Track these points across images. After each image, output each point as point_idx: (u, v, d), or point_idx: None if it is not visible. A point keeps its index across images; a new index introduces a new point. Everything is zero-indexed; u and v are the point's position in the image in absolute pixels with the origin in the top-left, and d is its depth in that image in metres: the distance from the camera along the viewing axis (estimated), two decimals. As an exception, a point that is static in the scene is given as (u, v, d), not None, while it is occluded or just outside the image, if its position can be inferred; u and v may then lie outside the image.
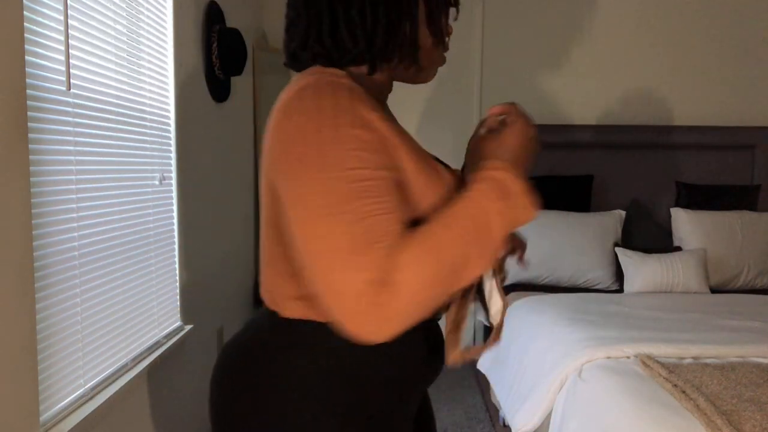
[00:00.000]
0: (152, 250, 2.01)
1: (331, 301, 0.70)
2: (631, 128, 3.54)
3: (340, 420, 0.80)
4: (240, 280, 3.18)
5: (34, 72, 1.33)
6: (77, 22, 1.53)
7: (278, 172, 0.76)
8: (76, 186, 1.52)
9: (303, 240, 0.73)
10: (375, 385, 0.83)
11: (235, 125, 3.06)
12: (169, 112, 2.21)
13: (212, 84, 2.64)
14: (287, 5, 0.87)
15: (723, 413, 1.52)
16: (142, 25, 1.96)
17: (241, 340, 0.89)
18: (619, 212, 3.37)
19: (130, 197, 1.86)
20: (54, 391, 1.43)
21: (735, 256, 3.21)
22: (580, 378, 1.95)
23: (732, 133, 3.52)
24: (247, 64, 3.27)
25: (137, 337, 1.89)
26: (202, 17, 2.55)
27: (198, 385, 2.50)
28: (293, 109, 0.74)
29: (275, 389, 0.81)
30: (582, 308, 2.60)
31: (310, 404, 0.80)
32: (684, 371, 1.83)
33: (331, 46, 0.81)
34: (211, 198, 2.68)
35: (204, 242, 2.57)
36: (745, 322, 2.39)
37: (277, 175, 0.76)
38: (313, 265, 0.72)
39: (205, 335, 2.60)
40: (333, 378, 0.81)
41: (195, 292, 2.45)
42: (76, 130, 1.52)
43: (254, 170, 3.45)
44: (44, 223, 1.38)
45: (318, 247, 0.71)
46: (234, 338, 0.91)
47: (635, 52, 3.62)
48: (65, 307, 1.47)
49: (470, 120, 3.70)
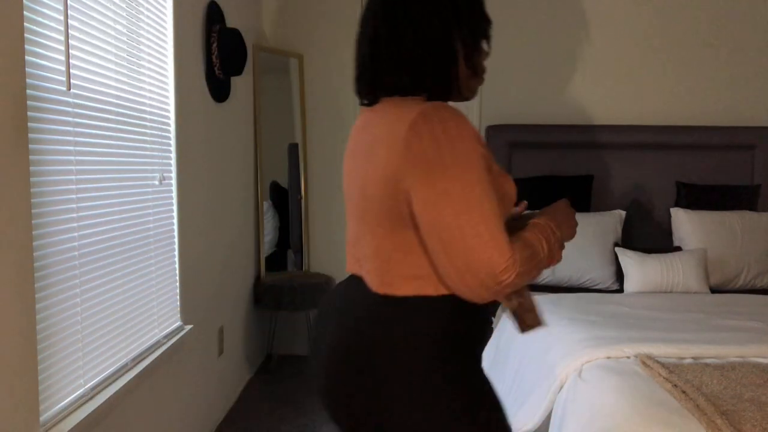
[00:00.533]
0: (152, 250, 2.01)
1: (467, 275, 0.92)
2: (631, 128, 3.54)
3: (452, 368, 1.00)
4: (240, 280, 3.18)
5: (34, 72, 1.33)
6: (77, 22, 1.53)
7: (416, 176, 0.94)
8: (76, 186, 1.52)
9: (442, 228, 0.92)
10: (468, 341, 1.04)
11: (235, 125, 3.06)
12: (169, 112, 2.21)
13: (212, 84, 2.64)
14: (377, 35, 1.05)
15: (723, 413, 1.52)
16: (142, 25, 1.96)
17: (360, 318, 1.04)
18: (619, 212, 3.37)
19: (130, 197, 1.85)
20: (54, 391, 1.43)
21: (735, 256, 3.21)
22: (580, 378, 1.95)
23: (732, 133, 3.52)
24: (247, 64, 3.27)
25: (137, 337, 1.89)
26: (202, 17, 2.55)
27: (198, 385, 2.50)
28: (424, 129, 0.94)
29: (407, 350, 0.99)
30: (582, 308, 2.60)
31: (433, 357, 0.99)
32: (684, 371, 1.83)
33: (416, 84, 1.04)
34: (211, 198, 2.68)
35: (204, 242, 2.57)
36: (745, 322, 2.39)
37: (415, 179, 0.94)
38: (452, 247, 0.92)
39: (205, 335, 2.60)
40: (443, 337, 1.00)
41: (195, 292, 2.45)
42: (76, 130, 1.52)
43: (254, 170, 3.45)
44: (44, 223, 1.38)
45: (461, 234, 0.91)
46: (347, 321, 1.06)
47: (635, 52, 3.61)
48: (65, 307, 1.47)
49: (470, 118, 3.69)
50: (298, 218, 3.70)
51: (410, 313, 1.01)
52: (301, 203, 3.70)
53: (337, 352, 1.06)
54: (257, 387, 3.26)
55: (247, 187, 3.31)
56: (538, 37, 3.64)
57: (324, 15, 3.66)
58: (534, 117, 3.68)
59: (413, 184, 0.95)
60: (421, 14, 1.02)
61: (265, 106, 3.51)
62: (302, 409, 2.96)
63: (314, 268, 3.79)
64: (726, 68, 3.62)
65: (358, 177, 1.06)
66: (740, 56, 3.61)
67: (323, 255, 3.79)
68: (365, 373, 1.01)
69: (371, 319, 1.03)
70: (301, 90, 3.67)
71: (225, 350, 2.89)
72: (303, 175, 3.70)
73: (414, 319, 1.00)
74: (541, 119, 3.68)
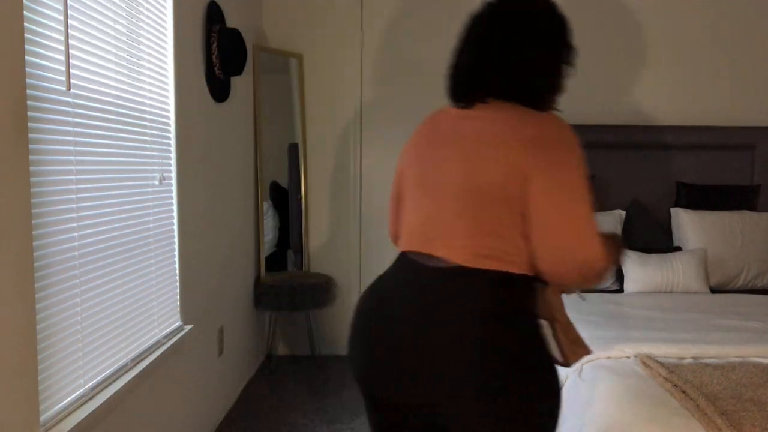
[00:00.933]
0: (152, 250, 2.01)
1: (567, 256, 1.13)
2: (631, 128, 3.54)
3: (535, 330, 1.18)
4: (240, 280, 3.18)
5: (34, 72, 1.33)
6: (77, 22, 1.53)
7: (541, 168, 1.13)
8: (76, 186, 1.52)
9: (558, 212, 1.13)
10: (533, 311, 1.22)
11: (235, 125, 3.06)
12: (169, 112, 2.21)
13: (212, 84, 2.64)
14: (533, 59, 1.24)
15: (723, 413, 1.52)
16: (142, 25, 1.96)
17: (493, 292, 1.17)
18: (619, 212, 3.37)
19: (130, 197, 1.85)
20: (54, 391, 1.43)
21: (735, 256, 3.21)
22: (580, 378, 1.95)
23: (732, 133, 3.52)
24: (247, 64, 3.27)
25: (137, 337, 1.89)
26: (202, 17, 2.55)
27: (198, 385, 2.50)
28: (553, 132, 1.18)
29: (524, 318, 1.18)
30: (582, 308, 2.60)
31: (525, 320, 1.18)
32: (684, 371, 1.83)
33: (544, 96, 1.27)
34: (211, 198, 2.68)
35: (204, 242, 2.57)
36: (745, 322, 2.39)
37: (539, 171, 1.13)
38: (568, 231, 1.13)
39: (205, 335, 2.60)
40: (524, 307, 1.19)
41: (195, 292, 2.45)
42: (76, 130, 1.52)
43: (254, 170, 3.45)
44: (44, 223, 1.38)
45: (578, 222, 1.13)
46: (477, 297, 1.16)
47: (635, 52, 3.61)
48: (65, 307, 1.47)
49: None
50: (298, 218, 3.70)
51: (496, 285, 1.16)
52: (301, 203, 3.70)
53: (443, 325, 1.15)
54: (257, 387, 3.26)
55: (247, 187, 3.31)
56: (538, 37, 3.63)
57: (324, 15, 3.66)
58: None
59: (537, 175, 1.13)
60: (541, 42, 1.25)
61: (265, 106, 3.51)
62: (302, 409, 2.96)
63: (314, 268, 3.79)
64: (726, 68, 3.62)
65: (457, 163, 1.21)
66: (740, 56, 3.61)
67: (323, 255, 3.79)
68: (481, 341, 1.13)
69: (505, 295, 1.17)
70: (301, 90, 3.67)
71: (225, 350, 2.89)
72: (303, 175, 3.70)
73: (500, 291, 1.16)
74: (541, 119, 3.67)
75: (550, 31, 1.27)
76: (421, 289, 1.20)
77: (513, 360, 1.13)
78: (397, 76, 3.69)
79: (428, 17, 3.63)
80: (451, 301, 1.16)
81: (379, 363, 1.21)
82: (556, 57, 1.27)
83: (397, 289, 1.24)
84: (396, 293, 1.23)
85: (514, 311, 1.16)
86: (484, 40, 1.27)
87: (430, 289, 1.18)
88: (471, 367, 1.11)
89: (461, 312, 1.14)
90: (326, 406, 3.01)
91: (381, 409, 1.27)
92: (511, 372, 1.12)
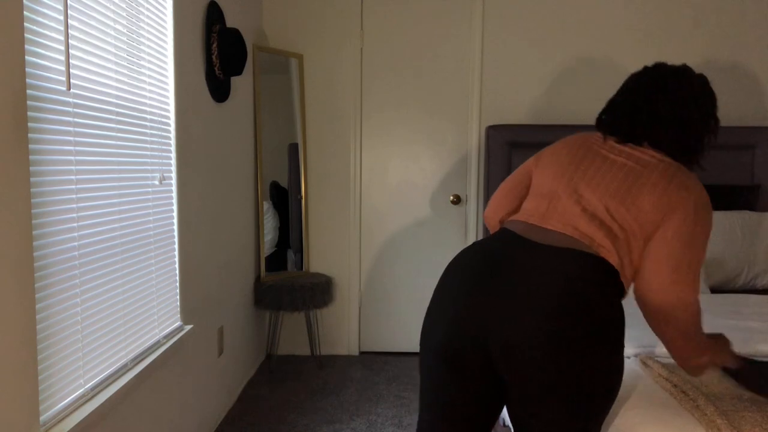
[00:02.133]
0: (152, 250, 2.01)
1: (669, 284, 1.33)
2: (631, 128, 3.54)
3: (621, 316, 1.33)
4: (240, 280, 3.18)
5: (34, 72, 1.33)
6: (77, 22, 1.53)
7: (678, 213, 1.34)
8: (76, 186, 1.52)
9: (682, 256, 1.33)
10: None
11: (235, 125, 3.06)
12: (169, 112, 2.21)
13: (212, 84, 2.64)
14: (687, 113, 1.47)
15: (723, 413, 1.52)
16: (142, 25, 1.96)
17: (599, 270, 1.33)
18: (619, 212, 3.37)
19: (130, 197, 1.85)
20: (54, 391, 1.43)
21: (735, 256, 3.21)
22: (580, 378, 1.95)
23: (732, 133, 3.52)
24: (247, 64, 3.27)
25: (137, 337, 1.89)
26: (202, 17, 2.55)
27: (198, 385, 2.50)
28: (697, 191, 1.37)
29: (618, 301, 1.33)
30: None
31: (618, 309, 1.32)
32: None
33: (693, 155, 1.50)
34: (211, 198, 2.68)
35: (204, 242, 2.57)
36: (745, 322, 2.39)
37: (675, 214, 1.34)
38: (678, 268, 1.32)
39: (205, 335, 2.60)
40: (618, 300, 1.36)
41: (195, 292, 2.45)
42: (76, 130, 1.52)
43: (254, 170, 3.45)
44: (44, 223, 1.38)
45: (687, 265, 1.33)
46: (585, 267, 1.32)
47: (634, 52, 3.62)
48: (65, 307, 1.47)
49: (470, 118, 3.70)
50: (298, 218, 3.70)
51: (606, 269, 1.34)
52: (301, 203, 3.70)
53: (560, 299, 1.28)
54: (257, 387, 3.26)
55: (247, 187, 3.31)
56: (538, 36, 3.64)
57: (324, 15, 3.66)
58: (534, 117, 3.68)
59: (672, 217, 1.34)
60: (703, 110, 1.48)
61: (265, 106, 3.51)
62: (302, 409, 2.96)
63: (314, 268, 3.79)
64: (726, 68, 3.62)
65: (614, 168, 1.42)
66: (740, 56, 3.61)
67: (323, 255, 3.79)
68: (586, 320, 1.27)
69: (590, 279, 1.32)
70: (301, 90, 3.67)
71: (225, 350, 2.89)
72: (303, 175, 3.70)
73: (607, 275, 1.33)
74: (541, 119, 3.68)
75: (710, 102, 1.50)
76: (529, 252, 1.34)
77: (596, 322, 1.25)
78: (397, 77, 3.69)
79: (428, 17, 3.63)
80: (558, 267, 1.29)
81: (475, 303, 1.32)
82: (708, 125, 1.49)
83: (504, 249, 1.37)
84: (501, 252, 1.37)
85: (612, 292, 1.31)
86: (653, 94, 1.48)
87: (540, 253, 1.33)
88: (559, 315, 1.24)
89: (568, 277, 1.28)
90: (326, 406, 3.01)
91: (450, 359, 1.34)
92: (590, 333, 1.24)
